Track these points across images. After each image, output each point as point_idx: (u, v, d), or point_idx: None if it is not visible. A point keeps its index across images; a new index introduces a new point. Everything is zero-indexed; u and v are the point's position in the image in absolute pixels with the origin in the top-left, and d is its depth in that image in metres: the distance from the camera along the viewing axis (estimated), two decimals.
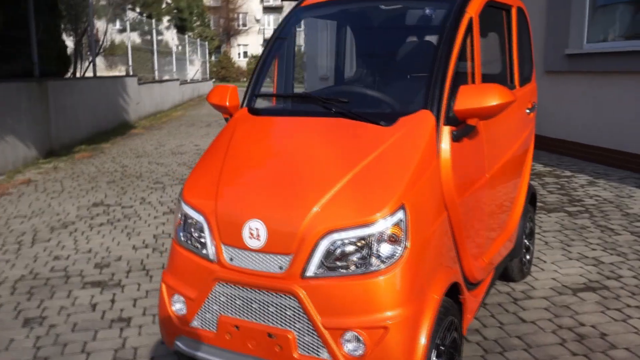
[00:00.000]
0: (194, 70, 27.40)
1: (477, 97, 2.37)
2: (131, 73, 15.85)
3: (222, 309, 2.31)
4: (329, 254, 2.11)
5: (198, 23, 45.02)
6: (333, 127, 2.52)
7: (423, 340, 2.10)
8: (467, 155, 2.59)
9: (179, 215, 2.51)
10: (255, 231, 2.19)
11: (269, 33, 58.45)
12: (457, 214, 2.45)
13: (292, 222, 2.14)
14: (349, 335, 2.09)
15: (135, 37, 17.83)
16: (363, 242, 2.10)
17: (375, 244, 2.09)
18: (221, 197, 2.34)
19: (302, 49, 15.23)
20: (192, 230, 2.43)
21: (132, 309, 3.59)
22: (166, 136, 12.56)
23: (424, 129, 2.36)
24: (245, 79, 50.99)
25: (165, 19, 29.44)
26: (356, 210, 2.12)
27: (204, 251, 2.36)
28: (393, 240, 2.11)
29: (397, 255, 2.10)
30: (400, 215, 2.11)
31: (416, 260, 2.14)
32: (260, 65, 3.05)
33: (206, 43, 32.98)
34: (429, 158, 2.31)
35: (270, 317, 2.20)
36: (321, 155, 2.37)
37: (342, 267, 2.11)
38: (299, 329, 2.15)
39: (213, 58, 48.79)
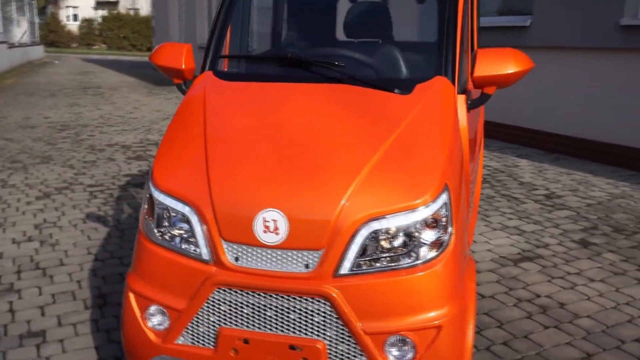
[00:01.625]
0: (21, 32, 24.31)
1: (497, 62, 2.18)
2: None
3: (223, 320, 1.90)
4: (367, 246, 1.80)
5: None
6: (339, 95, 2.18)
7: (471, 335, 1.90)
8: (472, 127, 2.41)
9: (153, 208, 2.01)
10: (271, 223, 1.80)
11: None
12: (468, 190, 2.27)
13: (322, 210, 1.79)
14: (393, 339, 1.81)
15: None
16: (409, 230, 1.82)
17: (421, 232, 1.82)
18: (218, 183, 1.90)
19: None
20: (173, 225, 1.96)
21: (42, 320, 2.94)
22: (4, 107, 10.93)
23: (445, 98, 2.13)
24: (76, 45, 46.71)
25: None
26: (398, 194, 1.83)
27: (194, 250, 1.92)
28: (439, 226, 1.85)
29: (444, 243, 1.86)
30: (444, 197, 1.87)
31: (460, 247, 1.92)
32: (222, 22, 2.58)
33: (34, 2, 29.40)
34: (455, 130, 2.09)
35: (292, 325, 1.85)
36: (337, 128, 2.03)
37: (382, 261, 1.81)
38: (331, 337, 1.83)
39: (37, 20, 43.97)
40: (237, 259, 1.86)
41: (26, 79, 17.23)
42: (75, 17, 53.14)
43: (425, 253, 1.84)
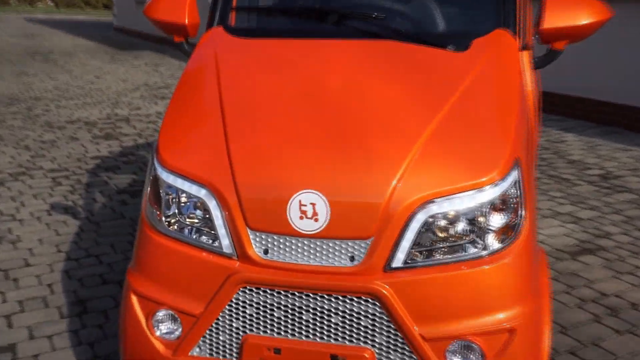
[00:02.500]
0: None
1: (568, 12, 2.17)
2: None
3: (249, 327, 1.90)
4: (425, 234, 1.80)
5: None
6: (382, 53, 2.17)
7: (548, 339, 1.91)
8: (536, 90, 2.41)
9: (159, 191, 2.00)
10: (309, 208, 1.79)
11: None
12: (535, 165, 2.27)
13: (370, 192, 1.79)
14: (456, 345, 1.82)
15: None
16: (473, 214, 1.81)
17: (490, 216, 1.82)
18: (241, 160, 1.89)
19: None
20: (186, 211, 1.95)
21: (9, 332, 2.93)
22: None
23: (509, 55, 2.13)
24: (17, 2, 46.24)
25: None
26: (461, 171, 1.83)
27: (212, 242, 1.92)
28: (509, 208, 1.85)
29: (515, 229, 1.86)
30: (515, 174, 1.87)
31: (532, 234, 1.92)
32: None
33: None
34: (522, 94, 2.08)
35: (334, 331, 1.86)
36: (383, 94, 2.02)
37: (444, 252, 1.81)
38: (381, 345, 1.84)
39: None
40: (266, 252, 1.85)
41: None
42: None
43: (492, 242, 1.83)
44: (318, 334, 1.86)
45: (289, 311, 1.86)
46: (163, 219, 1.99)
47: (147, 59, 13.75)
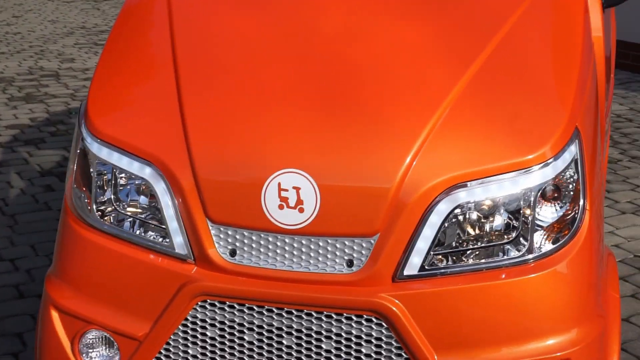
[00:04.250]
0: None
1: None
2: None
3: (210, 354, 1.92)
4: (449, 229, 1.83)
5: None
6: None
7: None
8: (606, 38, 2.43)
9: (89, 170, 2.02)
10: (292, 194, 1.81)
11: None
12: (604, 140, 2.30)
13: (376, 173, 1.80)
14: None
15: None
16: (513, 204, 1.84)
17: (536, 208, 1.84)
18: (198, 129, 1.91)
19: None
20: (126, 197, 1.98)
21: None
22: None
23: None
24: None
25: None
26: (500, 145, 1.85)
27: (160, 239, 1.94)
28: (565, 197, 1.88)
29: (575, 225, 1.88)
30: (573, 150, 1.89)
31: (597, 232, 1.94)
32: None
33: None
34: (587, 43, 2.10)
35: None
36: (396, 38, 2.05)
37: (472, 255, 1.84)
38: None
39: None
40: (233, 253, 1.87)
41: None
42: None
43: (542, 242, 1.85)
44: None
45: (264, 334, 1.88)
46: (94, 207, 2.01)
47: None
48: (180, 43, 2.12)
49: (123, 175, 1.97)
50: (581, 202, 1.90)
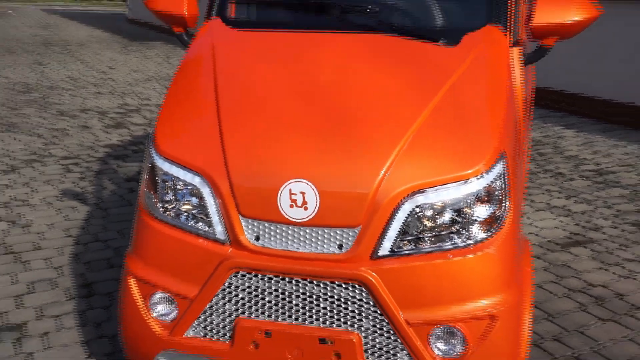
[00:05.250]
0: None
1: (558, 9, 2.17)
2: None
3: (241, 310, 1.92)
4: (411, 223, 1.82)
5: None
6: (374, 46, 2.18)
7: (527, 327, 1.92)
8: (526, 85, 2.41)
9: (156, 178, 2.01)
10: (299, 197, 1.80)
11: None
12: (524, 159, 2.27)
13: (358, 182, 1.80)
14: (439, 330, 1.83)
15: None
16: (459, 205, 1.83)
17: (474, 207, 1.83)
18: (234, 150, 1.90)
19: None
20: (181, 198, 1.97)
21: (18, 312, 2.97)
22: None
23: (499, 50, 2.13)
24: None
25: None
26: (447, 163, 1.84)
27: (206, 228, 1.93)
28: (494, 200, 1.86)
29: (499, 220, 1.87)
30: (500, 166, 1.88)
31: (516, 225, 1.93)
32: None
33: None
34: (510, 89, 2.08)
35: (322, 315, 1.87)
36: (375, 86, 2.03)
37: (429, 241, 1.83)
38: (367, 329, 1.86)
39: None
40: (257, 238, 1.86)
41: None
42: None
43: (477, 232, 1.84)
44: (307, 318, 1.88)
45: (280, 296, 1.88)
46: (159, 205, 2.01)
47: (159, 50, 13.74)
48: (221, 88, 2.11)
49: (180, 182, 1.97)
50: (506, 204, 1.89)
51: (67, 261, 3.48)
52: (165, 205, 2.00)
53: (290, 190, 1.81)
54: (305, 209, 1.81)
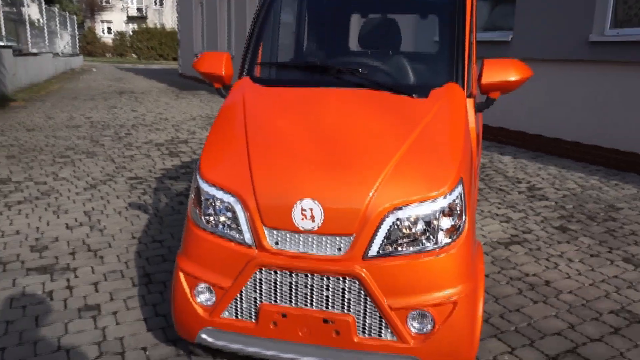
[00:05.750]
0: (63, 43, 24.20)
1: (501, 70, 2.14)
2: (4, 44, 13.40)
3: (264, 297, 1.86)
4: (393, 232, 1.77)
5: None
6: (365, 98, 2.14)
7: (481, 309, 1.87)
8: (477, 126, 2.37)
9: (200, 197, 1.98)
10: (308, 212, 1.76)
11: (132, 11, 53.82)
12: (477, 181, 2.23)
13: (353, 200, 1.75)
14: (414, 313, 1.78)
15: None
16: (428, 218, 1.78)
17: (440, 220, 1.79)
18: (259, 175, 1.86)
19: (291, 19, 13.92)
20: (219, 213, 1.92)
21: (96, 295, 2.91)
22: (52, 109, 10.88)
23: (458, 101, 2.09)
24: (110, 55, 46.51)
25: None
26: (420, 186, 1.79)
27: (238, 235, 1.88)
28: (455, 214, 1.82)
29: (460, 229, 1.82)
30: (459, 189, 1.83)
31: (471, 232, 1.89)
32: (257, 34, 2.52)
33: (75, 17, 29.24)
34: (466, 130, 2.05)
35: (325, 301, 1.82)
36: (365, 128, 1.99)
37: (406, 245, 1.78)
38: (360, 312, 1.80)
39: (77, 33, 43.76)
40: (277, 243, 1.83)
41: (69, 85, 17.17)
42: (109, 30, 53.05)
43: (442, 238, 1.80)
44: (314, 304, 1.84)
45: (293, 287, 1.84)
46: (203, 217, 1.97)
47: (202, 97, 13.77)
48: (249, 129, 2.08)
49: (218, 200, 1.93)
50: (464, 217, 1.85)
51: (132, 257, 3.43)
52: (207, 218, 1.97)
53: (301, 206, 1.78)
54: (313, 221, 1.77)
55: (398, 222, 1.77)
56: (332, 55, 2.97)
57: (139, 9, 54.31)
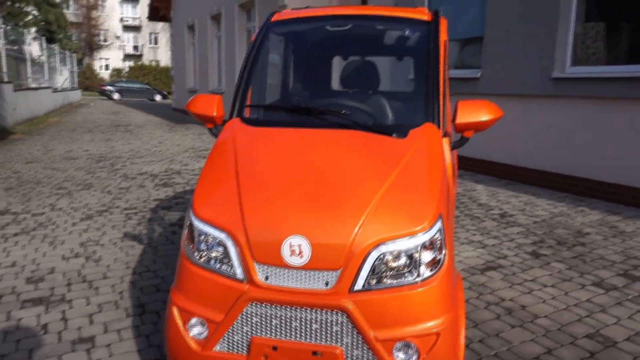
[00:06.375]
0: (62, 79, 24.10)
1: (474, 111, 2.16)
2: (5, 80, 13.30)
3: (255, 330, 1.81)
4: (377, 266, 1.74)
5: (61, 35, 39.76)
6: (348, 139, 2.14)
7: (463, 338, 1.84)
8: (453, 163, 2.38)
9: (193, 234, 1.94)
10: (297, 248, 1.73)
11: (129, 49, 54.10)
12: (453, 214, 2.23)
13: (339, 236, 1.73)
14: (399, 344, 1.75)
15: None
16: (411, 252, 1.76)
17: (422, 254, 1.77)
18: (249, 213, 1.83)
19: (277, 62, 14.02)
20: (211, 248, 1.88)
21: (90, 327, 2.81)
22: (50, 141, 10.75)
23: (434, 141, 2.10)
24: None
25: (33, 29, 25.52)
26: (403, 222, 1.78)
27: (229, 270, 1.84)
28: (435, 248, 1.81)
29: (440, 262, 1.81)
30: (439, 224, 1.82)
31: (451, 264, 1.87)
32: (246, 76, 2.52)
33: (74, 55, 29.23)
34: (443, 168, 2.05)
35: (314, 334, 1.77)
36: (349, 167, 1.98)
37: (390, 278, 1.76)
38: (347, 344, 1.76)
39: (76, 69, 43.68)
40: (267, 278, 1.79)
41: (67, 118, 17.04)
42: (107, 66, 53.19)
43: (424, 271, 1.79)
44: (303, 336, 1.79)
45: (283, 320, 1.80)
46: (196, 253, 1.93)
47: (194, 130, 13.74)
48: (240, 168, 2.06)
49: (210, 237, 1.90)
50: (444, 250, 1.84)
51: (127, 287, 3.34)
52: (199, 254, 1.93)
53: (290, 243, 1.75)
54: (301, 256, 1.74)
55: (382, 256, 1.75)
56: (317, 96, 2.99)
57: (135, 47, 54.63)
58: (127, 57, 53.72)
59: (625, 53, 5.93)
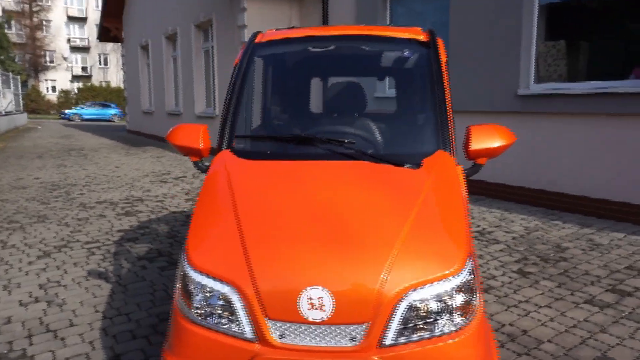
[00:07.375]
0: (6, 102, 22.76)
1: (487, 137, 2.02)
2: None
3: None
4: (408, 316, 1.54)
5: (2, 57, 37.76)
6: (356, 171, 1.93)
7: None
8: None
9: (188, 287, 1.67)
10: (317, 301, 1.51)
11: (77, 70, 52.19)
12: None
13: (365, 285, 1.53)
14: None
15: None
16: (443, 298, 1.57)
17: (455, 299, 1.58)
18: (257, 262, 1.59)
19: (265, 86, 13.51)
20: (212, 304, 1.62)
21: None
22: None
23: (450, 171, 1.93)
24: (55, 112, 44.41)
25: None
26: (432, 265, 1.59)
27: (235, 329, 1.58)
28: (468, 291, 1.62)
29: (475, 307, 1.62)
30: (470, 264, 1.65)
31: (484, 307, 1.68)
32: (234, 103, 2.28)
33: (18, 77, 27.76)
34: (464, 200, 1.88)
35: None
36: (363, 204, 1.78)
37: (422, 329, 1.55)
38: None
39: (20, 91, 41.55)
40: (282, 337, 1.55)
41: (14, 143, 16.01)
42: (53, 88, 51.04)
43: (458, 319, 1.60)
44: None
45: None
46: (192, 311, 1.66)
47: (152, 153, 13.20)
48: (240, 208, 1.82)
49: (210, 291, 1.64)
50: (476, 294, 1.66)
51: (98, 335, 2.98)
52: (197, 310, 1.66)
53: (308, 295, 1.52)
54: (322, 310, 1.52)
55: (413, 304, 1.55)
56: (315, 124, 2.74)
57: (84, 68, 52.80)
58: (76, 78, 51.79)
59: (585, 70, 6.09)
